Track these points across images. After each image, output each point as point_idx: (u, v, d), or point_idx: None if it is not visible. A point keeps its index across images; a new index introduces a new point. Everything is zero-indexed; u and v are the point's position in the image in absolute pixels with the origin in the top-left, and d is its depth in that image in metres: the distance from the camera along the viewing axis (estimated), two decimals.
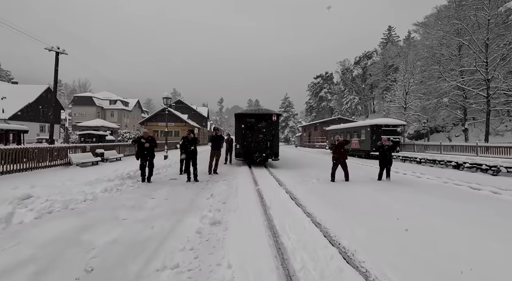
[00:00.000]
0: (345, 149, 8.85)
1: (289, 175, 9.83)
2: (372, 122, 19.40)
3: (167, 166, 11.24)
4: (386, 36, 66.47)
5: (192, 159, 7.98)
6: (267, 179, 8.89)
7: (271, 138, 12.36)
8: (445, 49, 25.67)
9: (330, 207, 5.17)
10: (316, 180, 8.98)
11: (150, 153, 7.68)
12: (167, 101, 12.97)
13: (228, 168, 11.77)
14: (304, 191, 6.91)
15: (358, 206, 5.37)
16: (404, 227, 3.98)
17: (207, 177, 8.91)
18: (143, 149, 7.58)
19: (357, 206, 5.37)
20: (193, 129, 9.58)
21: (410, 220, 4.41)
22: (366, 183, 8.28)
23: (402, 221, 4.30)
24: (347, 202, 5.66)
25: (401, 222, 4.24)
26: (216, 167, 9.84)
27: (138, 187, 6.82)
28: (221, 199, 5.64)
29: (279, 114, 12.57)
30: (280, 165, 13.25)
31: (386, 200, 5.93)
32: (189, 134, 7.91)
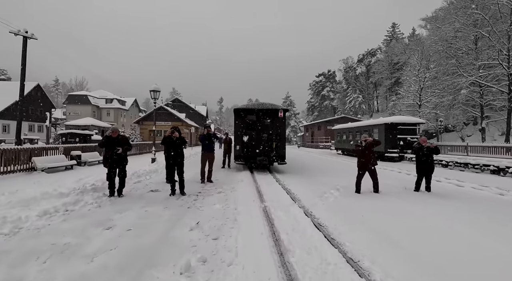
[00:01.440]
0: (374, 152, 6.97)
1: (300, 184, 7.94)
2: (386, 120, 17.50)
3: (152, 171, 9.34)
4: (390, 33, 64.64)
5: (177, 166, 6.09)
6: (274, 189, 7.00)
7: (276, 138, 10.46)
8: (462, 42, 23.77)
9: (390, 249, 3.24)
10: (336, 190, 7.11)
11: (121, 158, 5.79)
12: (155, 94, 11.11)
13: (226, 174, 9.87)
14: (329, 211, 5.01)
15: (428, 244, 3.47)
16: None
17: (198, 188, 7.01)
18: (112, 153, 5.68)
19: (427, 244, 3.47)
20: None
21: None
22: (404, 197, 6.38)
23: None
24: (407, 236, 3.75)
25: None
26: (210, 173, 7.94)
27: (99, 206, 4.92)
28: (212, 230, 3.74)
29: (286, 109, 10.68)
30: (286, 169, 11.35)
31: (460, 229, 4.04)
32: (173, 132, 6.02)
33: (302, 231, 3.78)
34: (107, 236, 3.47)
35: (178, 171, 6.11)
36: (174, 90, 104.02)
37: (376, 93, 62.62)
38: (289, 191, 6.83)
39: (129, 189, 6.67)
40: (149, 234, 3.54)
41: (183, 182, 6.19)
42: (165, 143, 6.07)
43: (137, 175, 8.22)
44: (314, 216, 4.65)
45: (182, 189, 6.17)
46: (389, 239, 3.58)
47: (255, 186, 7.45)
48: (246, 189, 6.89)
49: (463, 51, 24.57)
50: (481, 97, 23.71)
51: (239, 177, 8.97)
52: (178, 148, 6.08)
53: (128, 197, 5.75)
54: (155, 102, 11.31)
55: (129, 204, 5.09)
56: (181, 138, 6.15)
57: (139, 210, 4.71)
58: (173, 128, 6.08)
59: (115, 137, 5.78)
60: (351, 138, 22.43)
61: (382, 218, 4.57)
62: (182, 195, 6.06)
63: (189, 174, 8.95)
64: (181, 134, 6.26)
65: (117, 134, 5.83)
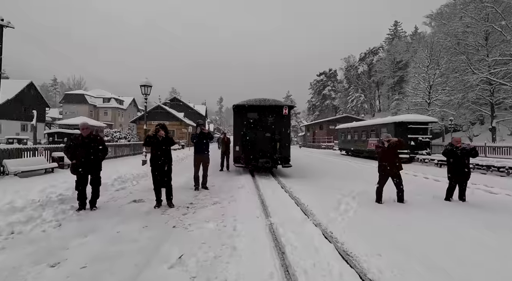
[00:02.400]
0: (398, 154, 5.90)
1: (309, 191, 6.87)
2: (396, 119, 16.44)
3: (141, 176, 8.27)
4: (392, 31, 63.59)
5: (163, 170, 5.02)
6: (280, 198, 5.93)
7: (281, 138, 9.38)
8: (472, 37, 22.69)
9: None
10: (352, 199, 6.06)
11: (92, 162, 4.71)
12: (146, 90, 10.05)
13: (224, 178, 8.80)
14: (352, 230, 3.94)
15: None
16: None
17: (190, 197, 5.93)
18: (81, 156, 4.61)
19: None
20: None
21: None
22: (437, 209, 5.32)
23: None
24: (477, 274, 2.69)
25: None
26: (204, 179, 6.85)
27: (58, 226, 3.84)
28: (200, 268, 2.65)
29: (292, 106, 9.61)
30: (290, 172, 10.27)
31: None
32: (158, 131, 4.96)
33: (326, 268, 2.71)
34: (46, 279, 2.39)
35: (165, 177, 5.04)
36: (173, 90, 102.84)
37: (378, 92, 61.54)
38: (298, 201, 5.75)
39: (108, 198, 5.60)
40: (109, 277, 2.46)
41: (171, 190, 5.12)
42: (148, 144, 5.00)
43: (121, 181, 7.14)
44: (337, 239, 3.58)
45: (170, 199, 5.09)
46: (434, 266, 2.51)
47: (258, 194, 6.37)
48: (247, 198, 5.81)
49: (472, 47, 23.53)
50: (492, 95, 22.67)
51: (239, 183, 7.89)
52: (165, 150, 5.01)
53: (102, 211, 4.67)
54: (146, 98, 10.24)
55: (100, 222, 4.01)
56: (167, 137, 5.07)
57: (110, 231, 3.63)
58: (158, 126, 5.01)
59: (86, 137, 4.70)
60: (356, 138, 21.36)
61: (425, 242, 3.50)
62: (170, 207, 4.98)
63: (181, 180, 7.90)
64: (169, 132, 5.19)
65: (88, 132, 4.75)
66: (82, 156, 4.58)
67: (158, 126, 5.02)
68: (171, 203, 5.05)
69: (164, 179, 5.04)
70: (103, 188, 6.16)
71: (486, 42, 22.83)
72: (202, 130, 6.48)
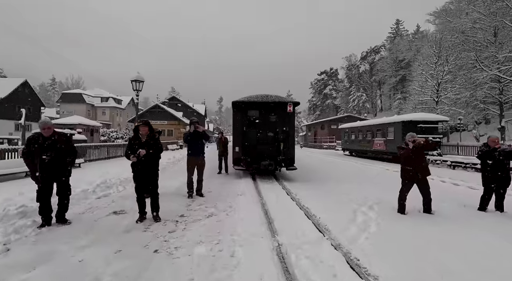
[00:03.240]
0: (425, 157, 5.05)
1: (319, 198, 6.02)
2: (404, 118, 15.60)
3: (129, 180, 7.40)
4: (394, 30, 62.69)
5: (148, 177, 4.17)
6: (287, 209, 5.07)
7: (285, 138, 8.53)
8: (481, 33, 21.85)
9: None
10: (369, 209, 5.24)
11: (57, 167, 3.85)
12: (137, 85, 9.21)
13: (221, 183, 7.94)
14: (380, 252, 3.10)
15: None
16: None
17: (181, 206, 5.08)
18: (43, 161, 3.75)
19: None
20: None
21: None
22: (475, 221, 4.47)
23: None
24: None
25: None
26: (199, 185, 6.00)
27: (6, 251, 2.98)
28: None
29: (296, 103, 8.76)
30: (295, 175, 9.42)
31: None
32: (144, 128, 4.12)
33: None
34: None
35: (149, 185, 4.19)
36: (172, 89, 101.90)
37: (380, 92, 60.70)
38: (309, 211, 4.89)
39: (84, 209, 4.75)
40: None
41: (157, 201, 4.27)
42: (131, 146, 4.14)
43: (106, 186, 6.29)
44: (367, 270, 2.73)
45: (156, 210, 4.24)
46: None
47: (260, 202, 5.52)
48: (248, 208, 4.95)
49: (480, 43, 22.69)
50: (501, 93, 21.83)
51: (239, 188, 7.04)
52: (150, 153, 4.15)
53: (71, 227, 3.82)
54: (137, 94, 9.40)
55: (61, 245, 3.16)
56: (153, 137, 4.22)
57: (70, 260, 2.78)
58: (140, 122, 4.16)
59: (48, 137, 3.83)
60: (361, 138, 20.52)
61: (479, 270, 2.65)
62: (155, 220, 4.13)
63: (174, 184, 7.06)
64: (154, 131, 4.34)
65: (51, 132, 3.88)
66: (44, 161, 3.72)
67: (141, 123, 4.17)
68: (157, 216, 4.20)
69: (148, 187, 4.19)
70: (83, 196, 5.34)
71: (495, 39, 22.00)
72: (196, 129, 5.62)
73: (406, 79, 50.25)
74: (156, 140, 4.27)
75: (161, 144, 4.35)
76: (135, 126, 4.19)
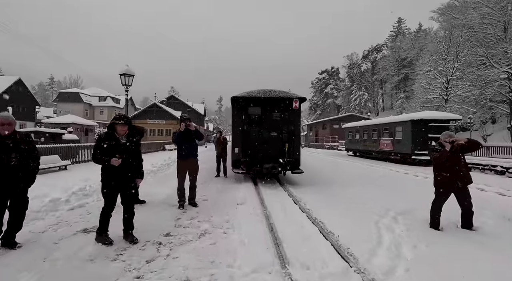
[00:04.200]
0: (465, 161, 4.17)
1: (331, 206, 5.17)
2: (413, 116, 14.72)
3: None
4: (396, 28, 61.85)
5: (122, 189, 3.30)
6: (298, 223, 4.18)
7: (289, 138, 7.66)
8: (490, 28, 21.00)
9: None
10: (395, 222, 4.40)
11: (13, 175, 2.97)
12: (126, 79, 8.33)
13: (219, 188, 7.05)
14: None
15: None
16: None
17: (170, 220, 4.19)
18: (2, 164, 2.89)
19: None
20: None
21: None
22: None
23: None
24: None
25: None
26: (192, 193, 5.11)
27: None
28: None
29: (303, 99, 7.87)
30: (301, 179, 8.53)
31: None
32: (123, 128, 3.25)
33: None
34: None
35: (124, 199, 3.32)
36: (172, 89, 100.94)
37: (382, 91, 59.85)
38: (323, 227, 4.02)
39: (49, 224, 3.87)
40: None
41: (132, 217, 3.38)
42: (102, 149, 3.24)
43: (83, 194, 5.40)
44: None
45: (130, 229, 3.35)
46: None
47: (264, 214, 4.64)
48: (250, 223, 4.07)
49: (490, 39, 21.85)
50: (511, 91, 20.98)
51: (239, 195, 6.16)
52: (128, 157, 3.27)
53: (18, 253, 2.94)
54: (126, 89, 8.51)
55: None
56: (134, 138, 3.35)
57: None
58: (119, 120, 3.27)
59: (7, 136, 2.96)
60: (366, 137, 19.65)
61: None
62: (130, 242, 3.24)
63: (165, 191, 6.18)
64: (135, 130, 3.47)
65: (11, 129, 3.00)
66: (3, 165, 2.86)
67: (122, 121, 3.28)
68: (132, 236, 3.31)
69: (121, 202, 3.31)
70: (52, 207, 4.47)
71: (505, 34, 21.16)
72: (187, 127, 4.73)
73: (408, 78, 49.45)
74: (137, 143, 3.41)
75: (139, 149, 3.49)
76: (110, 123, 3.29)
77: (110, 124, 3.27)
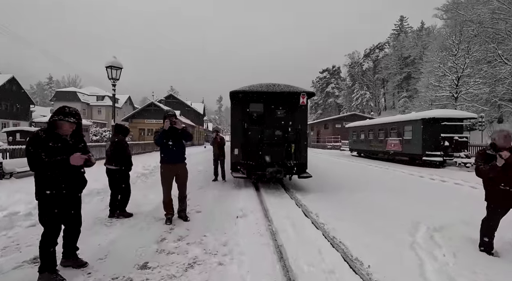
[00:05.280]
0: None
1: (349, 219, 4.31)
2: (424, 115, 13.83)
3: (96, 193, 5.67)
4: (398, 27, 61.00)
5: (66, 206, 2.46)
6: (312, 244, 3.31)
7: (296, 138, 6.79)
8: (502, 24, 20.12)
9: None
10: (429, 241, 3.55)
11: None
12: (113, 73, 7.46)
13: (215, 196, 6.18)
14: None
15: None
16: None
17: (151, 242, 3.32)
18: None
19: None
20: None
21: None
22: None
23: None
24: None
25: None
26: (182, 204, 4.23)
27: None
28: None
29: (312, 93, 7.01)
30: (307, 181, 7.66)
31: None
32: (70, 126, 2.39)
33: None
34: None
35: (71, 216, 2.49)
36: (171, 88, 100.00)
37: (384, 90, 58.95)
38: (348, 252, 3.15)
39: None
40: None
41: (76, 240, 2.55)
42: (48, 151, 2.37)
43: None
44: None
45: (73, 257, 2.51)
46: None
47: (270, 232, 3.77)
48: (252, 247, 3.20)
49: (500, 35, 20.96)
50: None
51: (238, 203, 5.29)
52: (77, 167, 2.42)
53: None
54: (114, 84, 7.64)
55: None
56: (81, 138, 2.51)
57: None
58: (62, 117, 2.40)
59: None
60: (371, 137, 18.77)
61: None
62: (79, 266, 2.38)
63: (155, 200, 5.31)
64: (81, 128, 2.63)
65: None
66: None
67: (73, 119, 2.43)
68: (78, 260, 2.45)
69: (73, 219, 2.48)
70: (6, 223, 3.61)
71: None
72: (173, 125, 3.84)
73: (411, 76, 48.57)
74: (85, 144, 2.62)
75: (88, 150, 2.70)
76: (53, 120, 2.42)
77: (52, 121, 2.41)
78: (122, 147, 4.54)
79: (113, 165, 4.45)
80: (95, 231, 3.65)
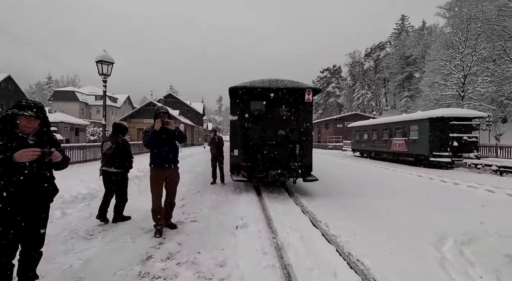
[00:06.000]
0: None
1: (364, 231, 3.78)
2: (431, 114, 13.30)
3: (81, 198, 5.15)
4: (399, 26, 60.44)
5: (28, 216, 1.95)
6: (327, 264, 2.78)
7: (301, 138, 6.26)
8: (509, 21, 19.59)
9: None
10: (459, 257, 3.07)
11: None
12: (103, 68, 6.93)
13: (213, 200, 5.65)
14: None
15: None
16: None
17: (135, 260, 2.79)
18: None
19: None
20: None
21: None
22: None
23: None
24: None
25: None
26: (167, 213, 3.72)
27: None
28: None
29: (317, 90, 6.49)
30: (312, 184, 7.12)
31: None
32: (33, 122, 1.90)
33: None
34: None
35: (31, 237, 1.97)
36: (171, 88, 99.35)
37: (386, 90, 58.39)
38: (370, 275, 2.62)
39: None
40: None
41: (35, 263, 2.05)
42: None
43: None
44: None
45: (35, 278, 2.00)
46: None
47: (275, 247, 3.25)
48: (255, 269, 2.67)
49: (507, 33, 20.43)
50: None
51: (238, 211, 4.76)
52: (39, 167, 1.90)
53: None
54: (104, 80, 7.12)
55: None
56: (49, 136, 1.99)
57: None
58: (21, 107, 1.89)
59: None
60: (375, 137, 18.25)
61: None
62: None
63: (145, 207, 4.77)
64: (50, 126, 2.14)
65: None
66: None
67: (29, 113, 1.92)
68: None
69: (33, 241, 1.96)
70: None
71: None
72: (165, 126, 3.31)
73: (413, 76, 48.04)
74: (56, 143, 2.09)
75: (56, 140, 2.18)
76: (5, 115, 1.91)
77: (5, 115, 1.89)
78: (126, 148, 4.16)
79: (114, 167, 4.03)
80: (70, 246, 3.12)
